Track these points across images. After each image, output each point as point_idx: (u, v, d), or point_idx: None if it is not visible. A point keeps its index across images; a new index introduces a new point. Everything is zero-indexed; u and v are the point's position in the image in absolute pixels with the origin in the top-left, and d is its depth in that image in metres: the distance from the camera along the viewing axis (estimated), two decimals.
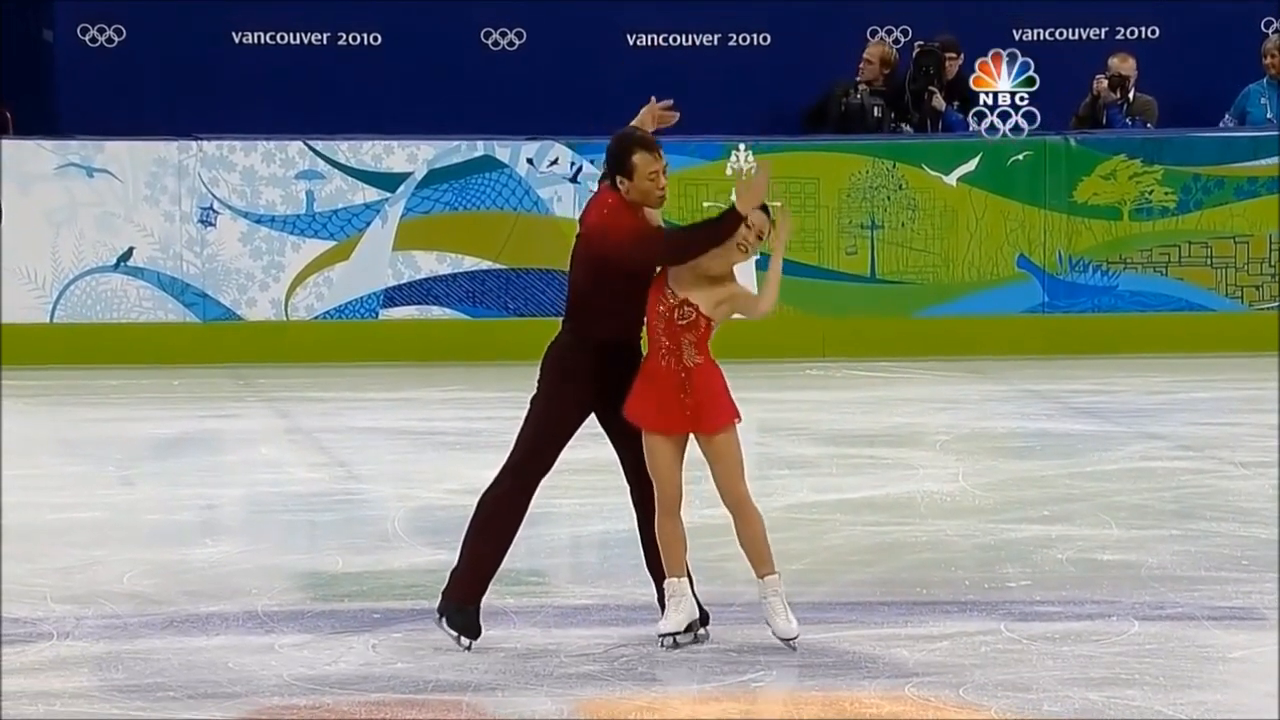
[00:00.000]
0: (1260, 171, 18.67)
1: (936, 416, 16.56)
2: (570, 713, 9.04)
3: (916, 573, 11.73)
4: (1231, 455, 15.06)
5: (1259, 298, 18.59)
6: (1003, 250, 18.66)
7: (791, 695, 9.41)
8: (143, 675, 9.60)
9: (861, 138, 19.19)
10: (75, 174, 18.31)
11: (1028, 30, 20.45)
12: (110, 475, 14.89)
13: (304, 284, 18.40)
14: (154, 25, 20.09)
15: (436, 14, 20.30)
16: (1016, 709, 9.13)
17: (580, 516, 13.15)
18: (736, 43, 20.74)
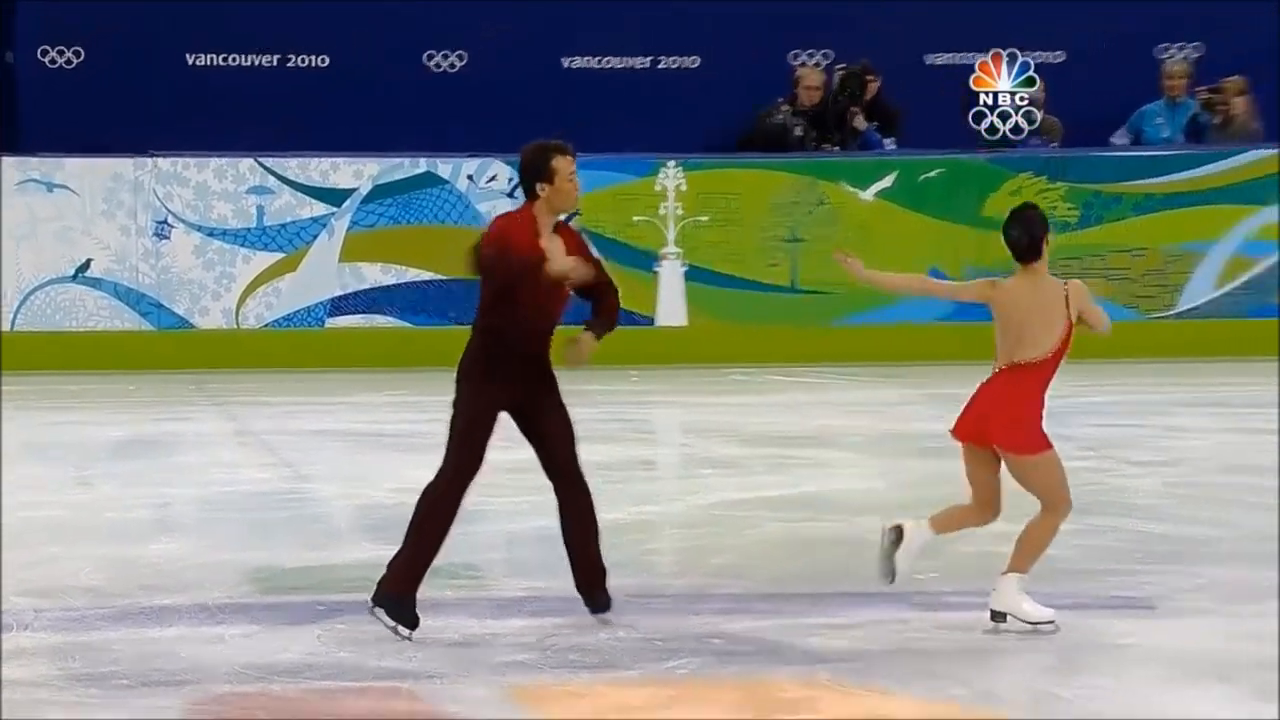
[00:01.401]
0: (1156, 189, 18.78)
1: (852, 419, 16.64)
2: (504, 699, 9.09)
3: (831, 565, 11.82)
4: (1128, 455, 15.15)
5: (1154, 307, 18.71)
6: (916, 262, 18.74)
7: (711, 680, 9.47)
8: (98, 664, 9.63)
9: (784, 156, 19.26)
10: (35, 189, 18.33)
11: (940, 54, 20.53)
12: (68, 476, 14.89)
13: (254, 294, 18.45)
14: (111, 47, 20.10)
15: (381, 37, 20.33)
16: (923, 692, 9.23)
17: (515, 513, 13.15)
18: (666, 65, 20.78)
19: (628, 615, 10.47)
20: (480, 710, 8.93)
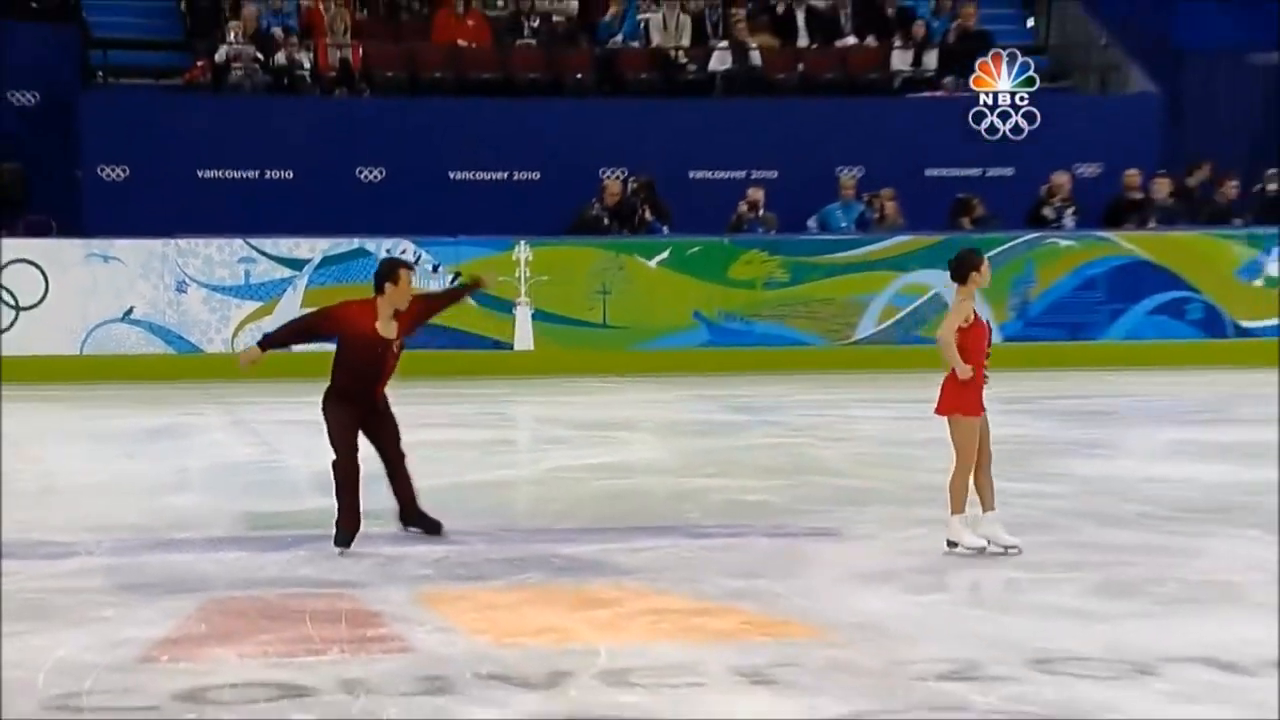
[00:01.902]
0: (837, 260, 18.90)
1: (644, 411, 16.63)
2: (413, 600, 9.02)
3: (631, 510, 11.79)
4: (821, 434, 15.22)
5: (837, 336, 18.79)
6: (683, 308, 18.76)
7: (551, 587, 9.42)
8: (136, 578, 9.56)
9: (596, 237, 19.22)
10: (95, 260, 18.18)
11: (701, 170, 20.53)
12: (115, 452, 14.77)
13: (243, 329, 18.26)
14: (147, 166, 19.87)
15: (327, 157, 20.19)
16: (688, 591, 9.20)
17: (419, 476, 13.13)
18: (519, 178, 20.73)
19: (494, 544, 10.43)
20: (397, 608, 8.86)
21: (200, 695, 7.34)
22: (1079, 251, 18.98)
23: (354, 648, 8.13)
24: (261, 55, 20.37)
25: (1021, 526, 10.78)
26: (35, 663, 7.87)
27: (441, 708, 7.16)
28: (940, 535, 10.43)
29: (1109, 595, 9.11)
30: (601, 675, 7.59)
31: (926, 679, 7.54)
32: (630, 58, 21.38)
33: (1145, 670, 7.69)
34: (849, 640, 8.17)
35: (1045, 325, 18.90)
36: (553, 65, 21.30)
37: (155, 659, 7.95)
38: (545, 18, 21.52)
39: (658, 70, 21.36)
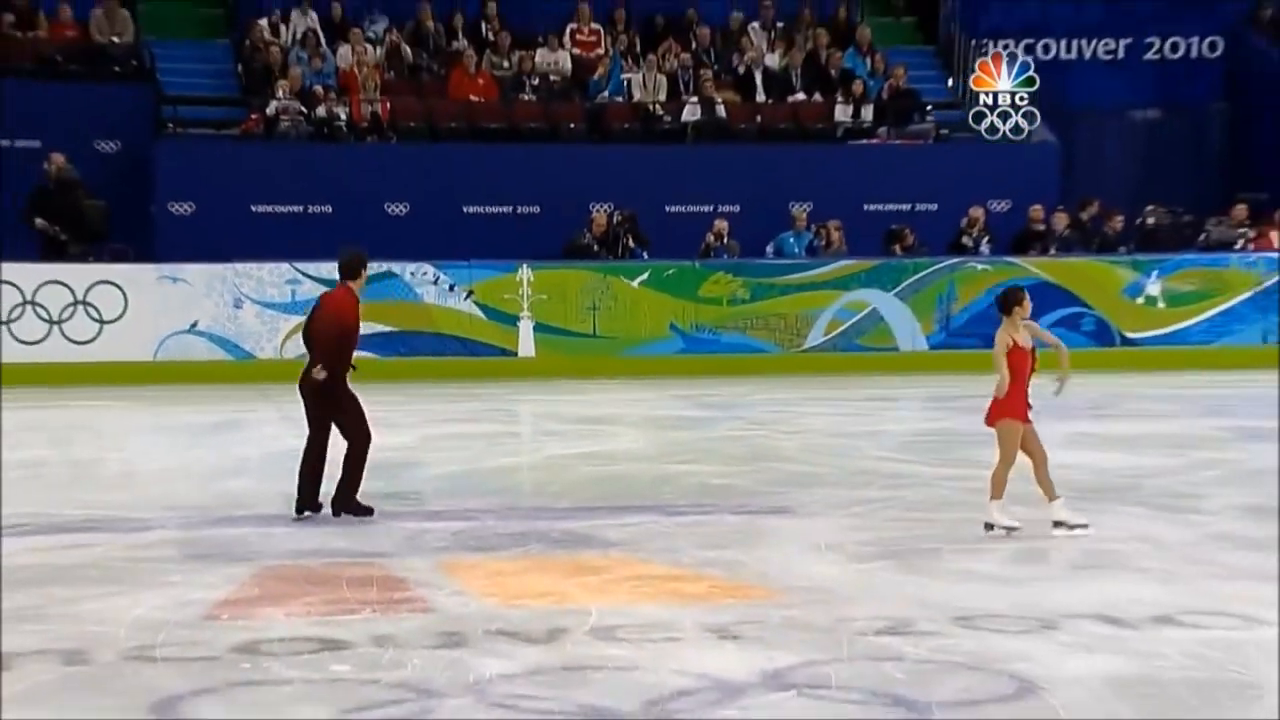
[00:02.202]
0: (791, 281, 18.84)
1: (628, 409, 16.53)
2: (433, 568, 8.99)
3: (616, 491, 11.72)
4: (779, 429, 15.17)
5: (791, 345, 18.74)
6: (660, 320, 18.72)
7: (550, 557, 9.39)
8: (199, 549, 9.52)
9: (586, 262, 19.17)
10: (166, 281, 18.07)
11: (675, 205, 20.49)
12: (183, 442, 14.67)
13: (290, 339, 18.16)
14: (209, 203, 19.82)
15: (360, 194, 20.13)
16: (667, 560, 9.17)
17: (441, 463, 13.08)
18: (522, 211, 20.67)
19: (502, 520, 10.39)
20: (420, 574, 8.83)
21: (254, 648, 7.33)
22: (992, 274, 18.96)
23: (383, 608, 8.12)
24: (305, 109, 20.33)
25: (947, 504, 10.80)
26: (117, 619, 7.85)
27: (457, 659, 7.14)
28: (877, 514, 10.44)
29: (1018, 562, 9.13)
30: (592, 632, 7.58)
31: (866, 634, 7.54)
32: (615, 110, 21.36)
33: (1049, 625, 7.71)
34: (801, 601, 8.16)
35: (965, 335, 18.89)
36: (550, 116, 21.28)
37: (216, 617, 7.93)
38: (544, 77, 21.49)
39: (638, 121, 21.34)
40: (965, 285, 18.93)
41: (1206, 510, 10.64)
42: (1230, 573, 8.83)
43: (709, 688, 6.73)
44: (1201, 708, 6.50)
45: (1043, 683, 6.80)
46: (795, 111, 21.60)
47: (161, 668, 7.09)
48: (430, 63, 21.51)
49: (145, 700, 6.61)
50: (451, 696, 6.63)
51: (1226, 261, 19.42)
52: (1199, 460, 12.67)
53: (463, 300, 18.52)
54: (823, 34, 22.11)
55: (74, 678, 6.97)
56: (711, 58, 21.93)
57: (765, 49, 22.08)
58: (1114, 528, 10.04)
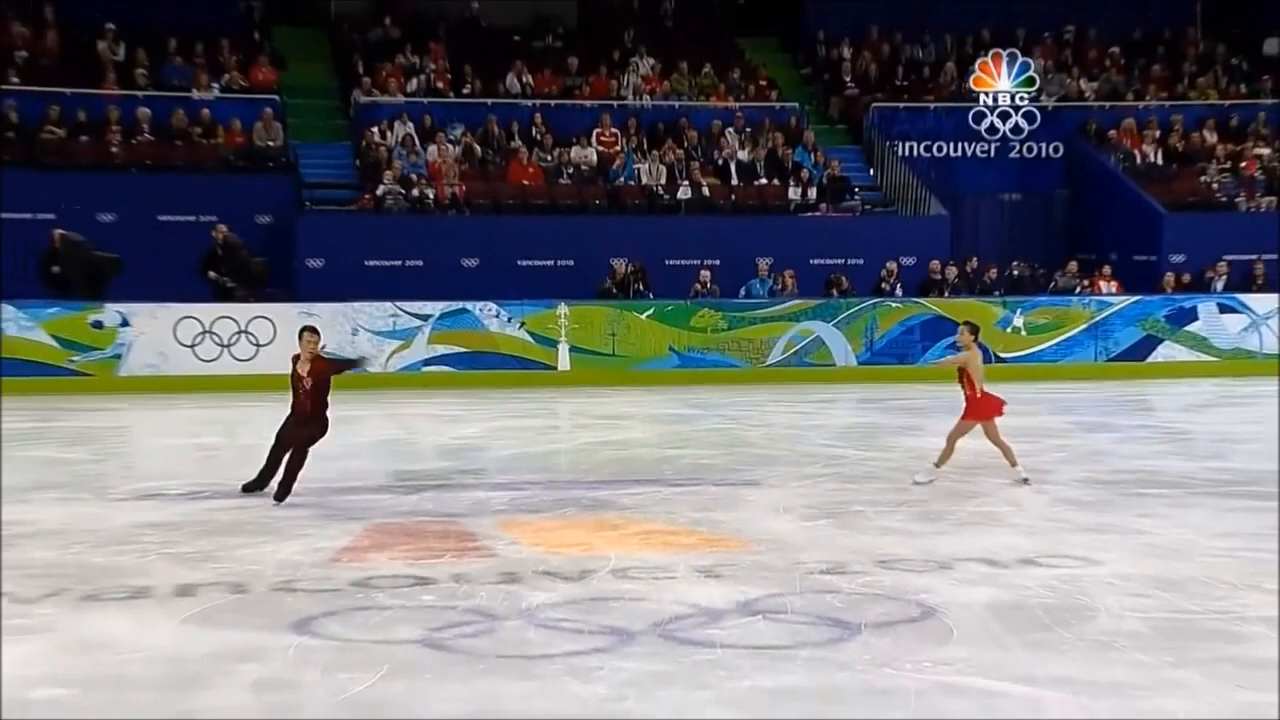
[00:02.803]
0: (757, 315, 18.54)
1: (639, 408, 16.37)
2: (495, 526, 8.91)
3: (629, 468, 11.57)
4: (747, 423, 14.90)
5: (758, 360, 18.46)
6: (662, 343, 18.54)
7: (580, 518, 9.31)
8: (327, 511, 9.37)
9: (608, 301, 18.82)
10: (304, 316, 17.29)
11: (673, 259, 20.22)
12: None
13: (393, 357, 17.95)
14: (335, 259, 19.70)
15: (443, 252, 19.96)
16: (667, 520, 9.10)
17: (501, 449, 12.96)
18: (561, 264, 20.48)
19: (546, 490, 10.31)
20: (485, 530, 8.78)
21: (366, 583, 7.30)
22: (903, 310, 18.85)
23: (458, 554, 8.08)
24: (404, 191, 20.29)
25: (870, 479, 10.73)
26: (266, 561, 7.84)
27: (513, 592, 7.11)
28: (820, 486, 10.36)
29: (923, 520, 9.07)
30: (612, 572, 7.55)
31: (813, 573, 7.51)
32: (628, 191, 21.31)
33: (945, 566, 7.68)
34: (765, 550, 8.12)
35: (884, 354, 18.77)
36: (581, 195, 21.25)
37: (339, 560, 7.91)
38: (577, 166, 21.46)
39: (645, 198, 21.28)
40: (884, 318, 18.84)
41: (1056, 481, 10.60)
42: (1073, 528, 8.81)
43: (698, 613, 6.71)
44: (1053, 624, 6.52)
45: (941, 608, 6.78)
46: (760, 192, 21.56)
47: (299, 596, 7.07)
48: (494, 156, 21.49)
49: (287, 620, 6.60)
50: (509, 619, 6.61)
51: (1068, 302, 19.45)
52: (1050, 445, 12.62)
53: (517, 329, 18.45)
54: (780, 136, 22.09)
55: (237, 603, 6.97)
56: (698, 153, 21.89)
57: (738, 147, 22.05)
58: (991, 494, 9.99)
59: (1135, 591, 7.10)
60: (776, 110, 22.99)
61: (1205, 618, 6.65)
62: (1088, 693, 5.57)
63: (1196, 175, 22.06)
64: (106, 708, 5.46)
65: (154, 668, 5.91)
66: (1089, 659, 6.01)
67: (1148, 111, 23.22)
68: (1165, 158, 22.55)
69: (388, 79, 21.98)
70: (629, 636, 6.27)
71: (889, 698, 5.51)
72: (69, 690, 5.66)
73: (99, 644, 6.27)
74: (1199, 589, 7.16)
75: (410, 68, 22.44)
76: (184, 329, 17.32)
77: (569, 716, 5.35)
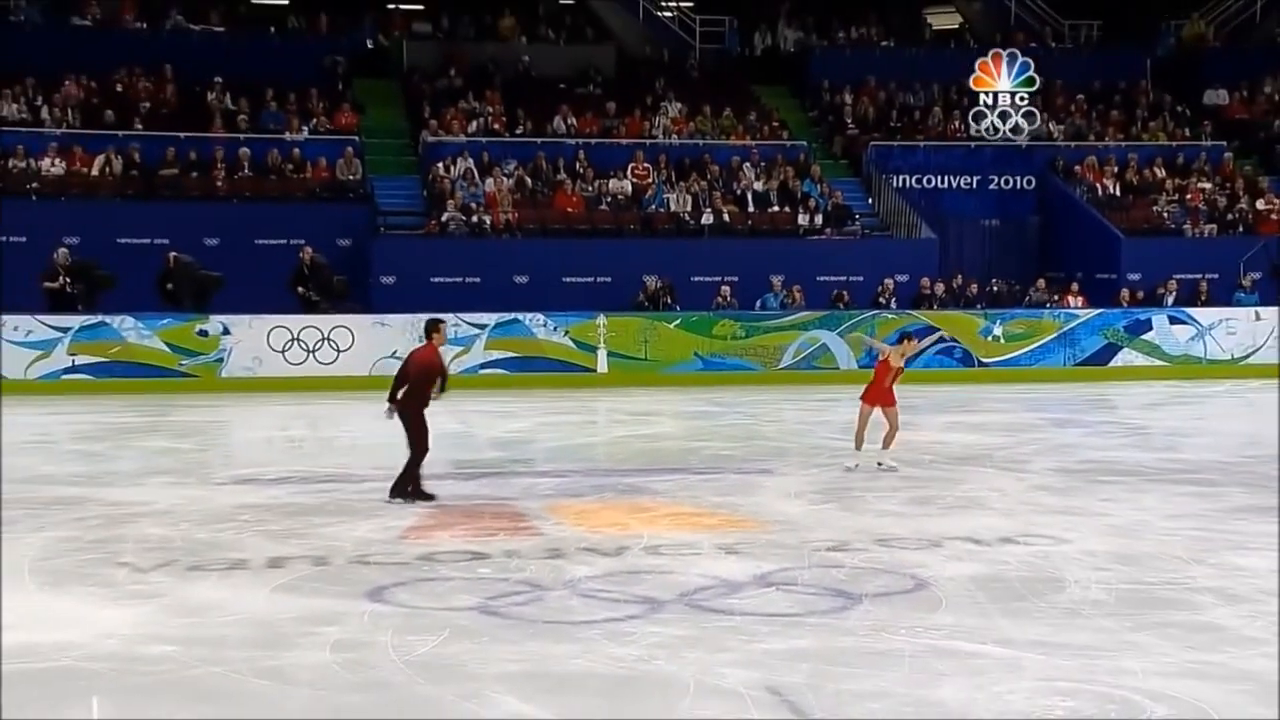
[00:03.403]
0: (771, 325, 18.32)
1: (666, 405, 16.29)
2: (541, 509, 8.85)
3: (659, 459, 11.53)
4: (762, 419, 14.85)
5: (770, 364, 18.30)
6: (688, 350, 18.43)
7: (615, 500, 9.27)
8: (371, 505, 9.36)
9: (641, 312, 18.67)
10: (379, 326, 17.54)
11: (697, 277, 20.07)
12: (386, 427, 14.36)
13: (453, 362, 17.40)
14: (405, 276, 19.42)
15: (499, 270, 19.74)
16: (692, 504, 9.04)
17: (546, 440, 12.92)
18: (599, 280, 20.28)
19: (586, 477, 10.26)
20: (534, 512, 8.75)
21: (431, 557, 7.30)
22: (899, 320, 18.72)
23: (511, 533, 8.06)
24: (465, 217, 20.33)
25: (867, 468, 10.64)
26: (344, 538, 7.84)
27: (558, 566, 7.09)
28: (826, 474, 10.29)
29: (916, 505, 8.99)
30: (645, 549, 7.52)
31: (820, 550, 7.47)
32: (659, 218, 21.25)
33: (935, 544, 7.62)
34: (778, 530, 8.07)
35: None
36: (618, 221, 21.20)
37: (407, 537, 7.91)
38: (614, 196, 21.45)
39: (674, 224, 21.22)
40: (881, 328, 18.72)
41: (1031, 470, 10.50)
42: (1046, 510, 8.73)
43: (719, 585, 6.67)
44: (1028, 594, 6.49)
45: (932, 581, 6.72)
46: (773, 218, 21.48)
47: (373, 568, 7.07)
48: (543, 188, 21.48)
49: (362, 589, 6.60)
50: (555, 590, 6.59)
51: (1040, 314, 19.34)
52: (1026, 439, 12.52)
53: (562, 336, 18.42)
54: (790, 170, 22.01)
55: (319, 573, 6.98)
56: (720, 184, 21.82)
57: (754, 179, 21.98)
58: (975, 482, 9.89)
59: (1099, 565, 7.10)
60: (787, 148, 22.92)
61: (1159, 588, 6.68)
62: (1059, 654, 5.58)
63: (1149, 205, 22.11)
64: (208, 662, 5.49)
65: (247, 629, 5.95)
66: (1060, 624, 6.01)
67: (1108, 150, 23.24)
68: (1122, 190, 22.56)
69: (451, 121, 22.07)
70: (659, 605, 6.26)
71: (886, 658, 5.51)
72: (175, 647, 5.71)
73: (202, 608, 6.31)
74: (1153, 563, 7.17)
75: (471, 111, 22.53)
76: (276, 337, 17.41)
77: (607, 673, 5.34)
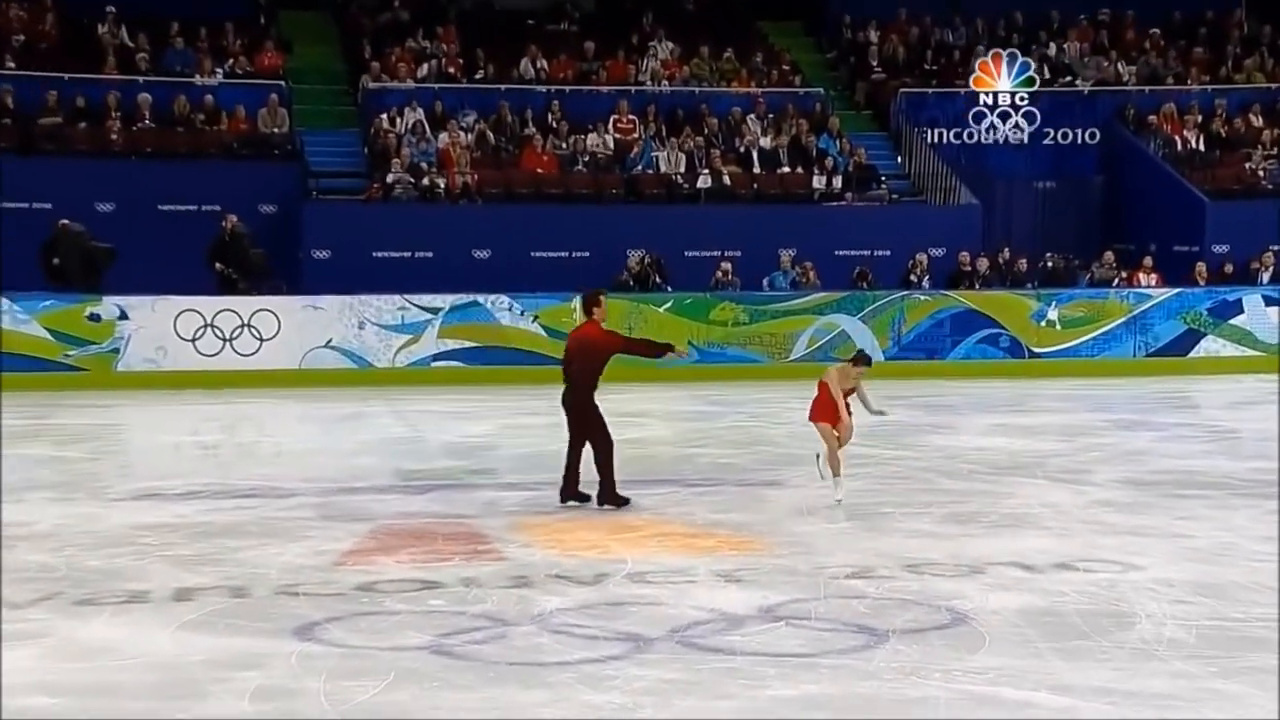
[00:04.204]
0: (778, 309, 18.33)
1: (660, 405, 16.25)
2: (508, 526, 8.87)
3: (647, 467, 11.49)
4: (769, 420, 14.85)
5: (780, 355, 18.31)
6: (680, 338, 18.26)
7: (595, 519, 9.29)
8: (332, 511, 9.32)
9: (626, 294, 18.80)
10: (309, 309, 17.59)
11: (692, 251, 20.17)
12: (318, 430, 14.42)
13: (402, 351, 17.83)
14: (341, 250, 19.61)
15: (454, 243, 19.89)
16: (686, 521, 9.06)
17: (513, 445, 12.91)
18: (576, 256, 20.42)
19: (556, 491, 10.24)
20: (496, 531, 8.74)
21: (371, 587, 7.27)
22: (932, 303, 18.76)
23: (468, 557, 8.03)
24: (413, 180, 20.28)
25: (897, 479, 10.67)
26: (269, 564, 7.80)
27: (525, 596, 7.06)
28: (846, 487, 10.29)
29: (952, 522, 9.00)
30: (628, 576, 7.50)
31: (838, 578, 7.45)
32: (646, 180, 21.26)
33: (976, 570, 7.62)
34: (788, 553, 8.06)
35: (912, 350, 18.69)
36: (597, 184, 21.20)
37: (343, 563, 7.87)
38: (592, 155, 21.41)
39: (664, 188, 21.22)
40: (912, 311, 18.74)
41: (1092, 482, 10.51)
42: (1111, 529, 8.73)
43: (718, 619, 6.65)
44: (1090, 632, 6.45)
45: (972, 614, 6.71)
46: (782, 180, 21.48)
47: (302, 600, 7.03)
48: (507, 144, 21.45)
49: (290, 625, 6.55)
50: (520, 625, 6.56)
51: (1106, 295, 19.32)
52: (1086, 444, 12.54)
53: (530, 323, 18.40)
54: (803, 123, 22.00)
55: (237, 607, 6.93)
56: (719, 140, 21.81)
57: (759, 133, 21.97)
58: (1024, 495, 9.91)
59: (1176, 598, 7.04)
60: (800, 96, 22.90)
61: (1250, 625, 6.58)
62: (1127, 704, 5.50)
63: (1241, 162, 21.92)
64: (102, 715, 5.43)
65: (150, 675, 5.88)
66: (1128, 668, 5.94)
67: (1189, 96, 23.05)
68: (1208, 144, 22.40)
69: (397, 64, 21.97)
70: (646, 643, 6.21)
71: (918, 708, 5.46)
72: (61, 699, 5.63)
73: (93, 650, 6.24)
74: (1243, 595, 7.10)
75: (421, 52, 22.43)
76: (184, 322, 17.30)
77: None
